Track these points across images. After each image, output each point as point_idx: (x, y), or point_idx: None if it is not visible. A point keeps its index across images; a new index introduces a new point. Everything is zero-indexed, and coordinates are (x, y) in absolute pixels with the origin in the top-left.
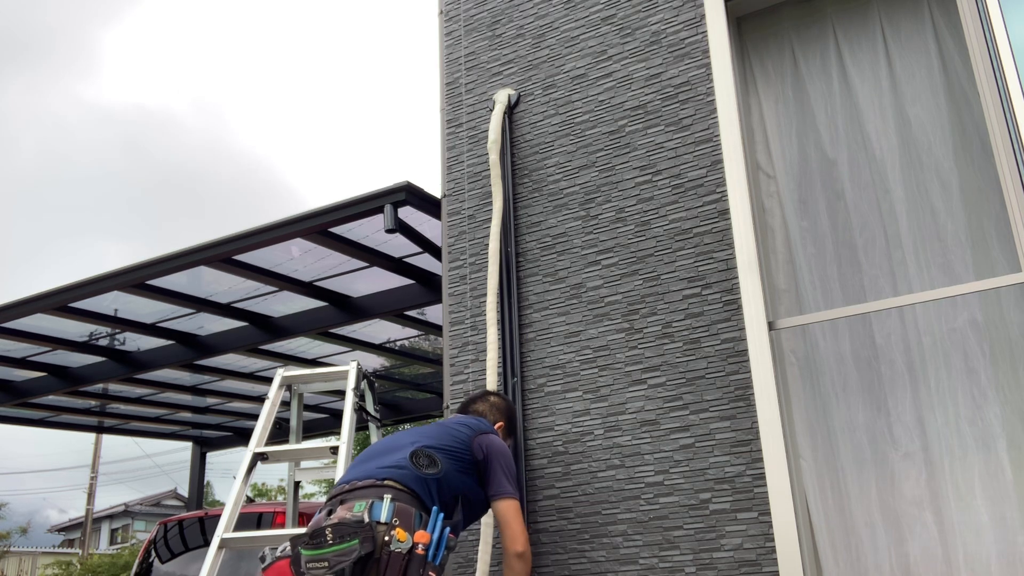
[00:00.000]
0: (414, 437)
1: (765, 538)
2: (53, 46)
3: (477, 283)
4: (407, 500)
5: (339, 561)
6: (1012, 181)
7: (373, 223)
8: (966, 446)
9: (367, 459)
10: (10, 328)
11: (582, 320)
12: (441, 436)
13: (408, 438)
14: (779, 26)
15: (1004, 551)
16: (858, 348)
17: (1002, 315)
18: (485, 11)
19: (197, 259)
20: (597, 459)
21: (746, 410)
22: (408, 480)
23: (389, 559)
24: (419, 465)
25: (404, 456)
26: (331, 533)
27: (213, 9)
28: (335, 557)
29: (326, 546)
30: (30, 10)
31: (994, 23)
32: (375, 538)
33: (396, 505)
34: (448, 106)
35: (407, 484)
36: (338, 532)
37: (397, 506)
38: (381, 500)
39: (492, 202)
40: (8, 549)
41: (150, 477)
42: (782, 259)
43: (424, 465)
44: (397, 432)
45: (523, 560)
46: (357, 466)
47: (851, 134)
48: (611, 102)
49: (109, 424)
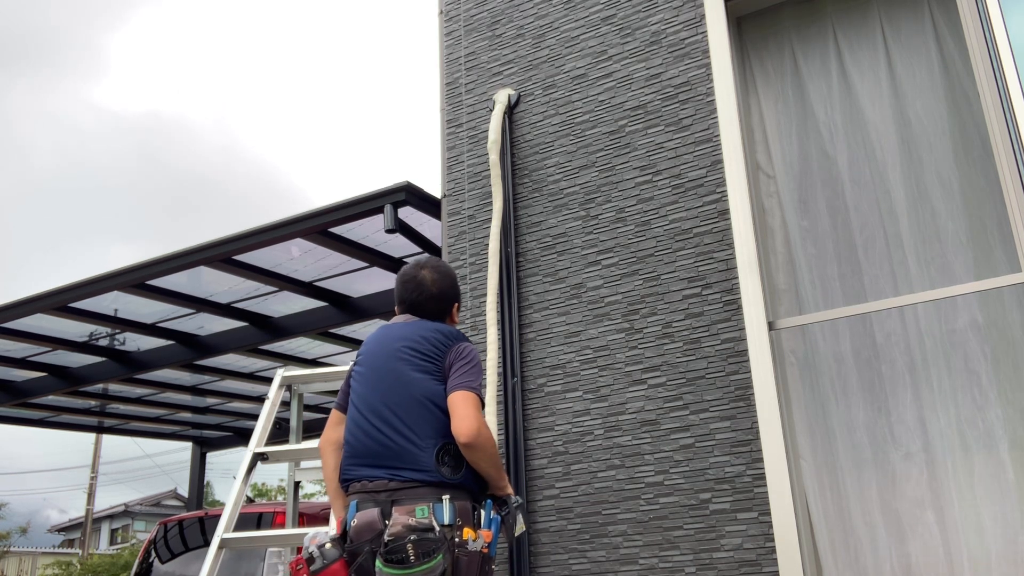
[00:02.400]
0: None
1: (765, 538)
2: (58, 48)
3: (477, 283)
4: (462, 496)
5: None
6: (1012, 181)
7: (373, 223)
8: (967, 446)
9: (372, 438)
10: (10, 328)
11: (582, 320)
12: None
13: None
14: (779, 26)
15: (1005, 551)
16: (858, 348)
17: (1003, 315)
18: (485, 11)
19: (197, 259)
20: (597, 459)
21: (746, 410)
22: (451, 478)
23: (468, 561)
24: (444, 468)
25: (430, 459)
26: (413, 550)
27: (212, 10)
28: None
29: (410, 565)
30: (30, 12)
31: (994, 23)
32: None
33: (457, 505)
34: (448, 106)
35: (454, 481)
36: (420, 548)
37: (458, 505)
38: (440, 502)
39: (492, 202)
40: (8, 549)
41: (150, 477)
42: (782, 259)
43: (452, 468)
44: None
45: (473, 450)
46: (364, 443)
47: (851, 134)
48: (611, 102)
49: (109, 424)
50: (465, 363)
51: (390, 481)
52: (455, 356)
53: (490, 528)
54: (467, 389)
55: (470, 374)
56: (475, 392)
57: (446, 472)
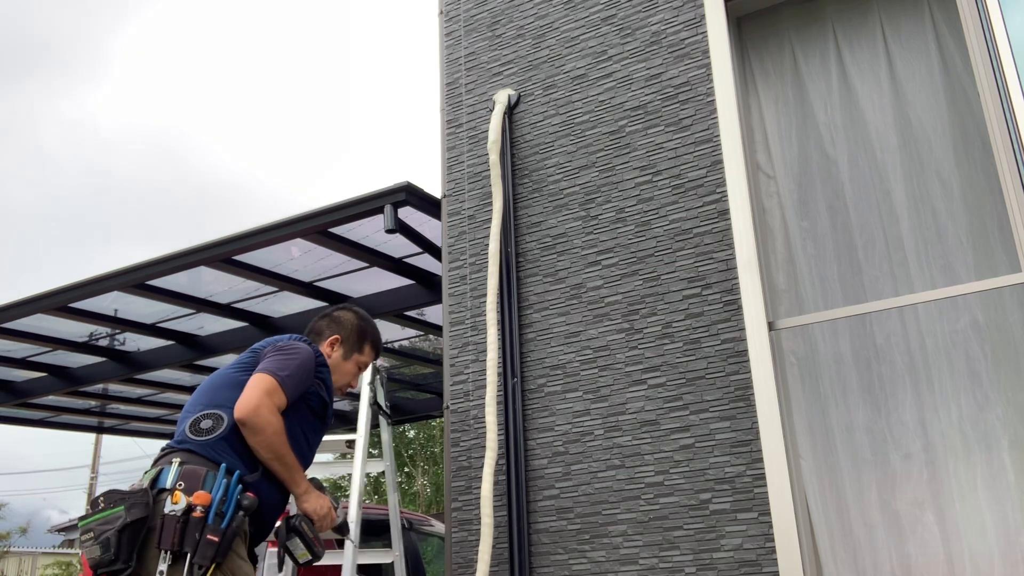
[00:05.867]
0: (203, 399)
1: (765, 538)
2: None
3: (477, 283)
4: (196, 462)
5: (103, 530)
6: (1012, 181)
7: (373, 223)
8: (967, 446)
9: (177, 424)
10: (10, 328)
11: (582, 320)
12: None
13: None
14: (779, 26)
15: (1006, 551)
16: (858, 348)
17: (1004, 316)
18: (485, 11)
19: (197, 259)
20: (597, 459)
21: (746, 410)
22: (194, 447)
23: (163, 523)
24: (199, 432)
25: (183, 429)
26: (103, 499)
27: (212, 10)
28: (99, 526)
29: (97, 511)
30: (30, 15)
31: (994, 23)
32: (148, 503)
33: (184, 468)
34: (448, 106)
35: (195, 450)
36: (109, 499)
37: (184, 469)
38: (170, 465)
39: (492, 202)
40: (8, 549)
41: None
42: (782, 259)
43: (205, 431)
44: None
45: (249, 429)
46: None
47: (851, 134)
48: (611, 102)
49: (109, 424)
50: (277, 352)
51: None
52: (272, 349)
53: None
54: (267, 373)
55: (275, 361)
56: (272, 375)
57: (191, 435)
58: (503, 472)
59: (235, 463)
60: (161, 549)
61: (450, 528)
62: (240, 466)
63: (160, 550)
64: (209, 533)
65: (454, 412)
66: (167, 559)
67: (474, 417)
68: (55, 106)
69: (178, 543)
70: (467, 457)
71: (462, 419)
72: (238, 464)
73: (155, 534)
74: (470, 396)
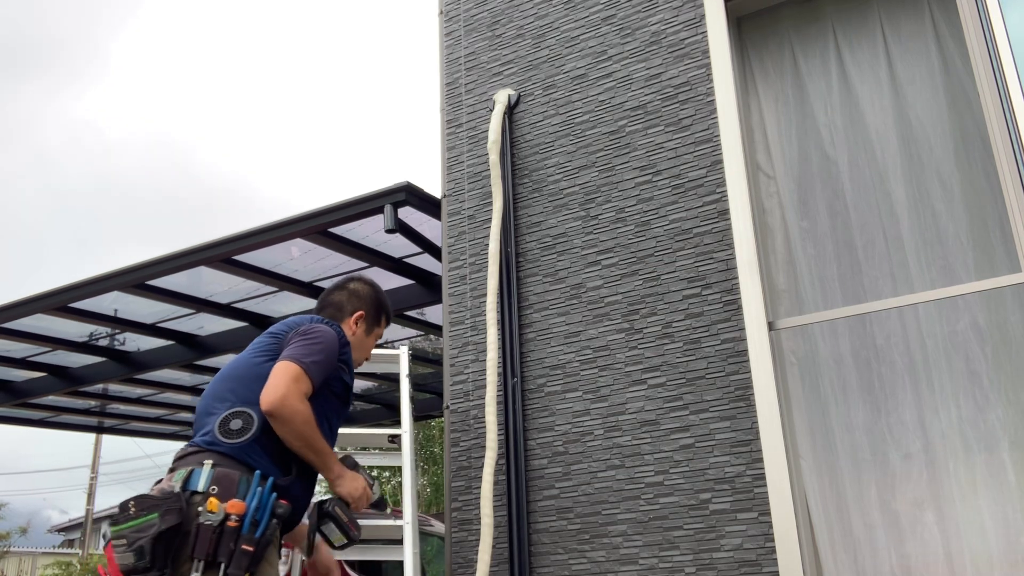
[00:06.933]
0: (228, 394)
1: (765, 538)
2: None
3: (477, 283)
4: (229, 465)
5: (137, 538)
6: (1012, 181)
7: (373, 223)
8: (967, 446)
9: (198, 416)
10: (10, 328)
11: (582, 320)
12: (249, 380)
13: (222, 388)
14: (779, 26)
15: (1006, 551)
16: (858, 349)
17: (1004, 316)
18: (485, 11)
19: (197, 259)
20: (597, 459)
21: (746, 410)
22: (227, 450)
23: (198, 532)
24: (230, 433)
25: (212, 430)
26: (134, 506)
27: (213, 12)
28: (132, 533)
29: (130, 518)
30: (34, 17)
31: (994, 23)
32: (182, 508)
33: (217, 472)
34: (448, 106)
35: (227, 452)
36: (140, 505)
37: (218, 472)
38: (201, 467)
39: (492, 202)
40: (8, 549)
41: (150, 477)
42: (782, 259)
43: (236, 432)
44: (219, 376)
45: (277, 420)
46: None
47: (851, 134)
48: (611, 102)
49: (109, 424)
50: (301, 338)
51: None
52: (295, 334)
53: (247, 501)
54: (291, 360)
55: (300, 347)
56: (297, 362)
57: (221, 436)
58: (503, 472)
59: (269, 467)
60: (195, 559)
61: (450, 528)
62: (273, 470)
63: (194, 559)
64: (244, 543)
65: (454, 412)
66: (199, 567)
67: (474, 417)
68: (59, 107)
69: (212, 553)
70: (467, 457)
71: (462, 419)
72: (271, 468)
73: (189, 540)
74: (470, 396)
